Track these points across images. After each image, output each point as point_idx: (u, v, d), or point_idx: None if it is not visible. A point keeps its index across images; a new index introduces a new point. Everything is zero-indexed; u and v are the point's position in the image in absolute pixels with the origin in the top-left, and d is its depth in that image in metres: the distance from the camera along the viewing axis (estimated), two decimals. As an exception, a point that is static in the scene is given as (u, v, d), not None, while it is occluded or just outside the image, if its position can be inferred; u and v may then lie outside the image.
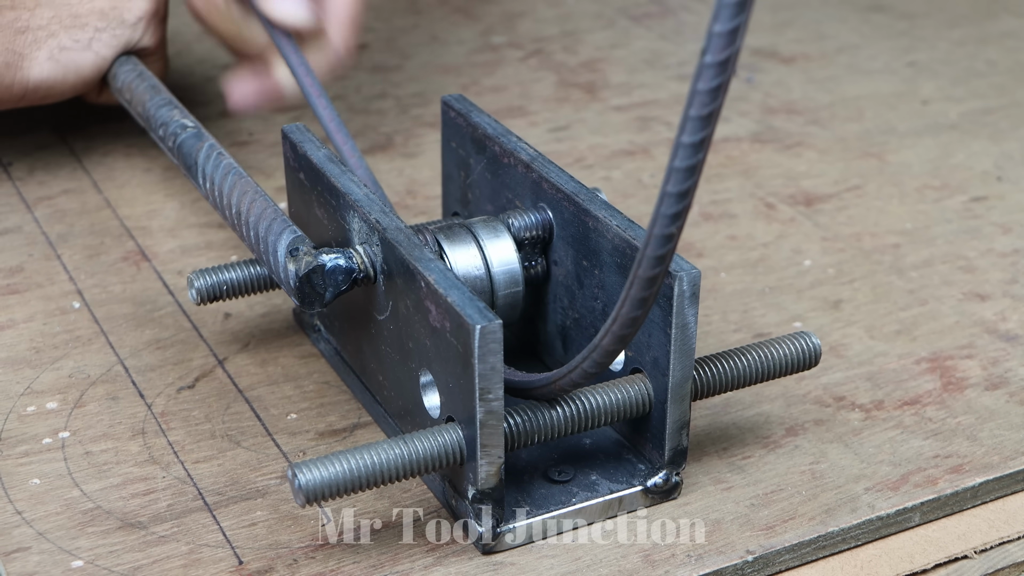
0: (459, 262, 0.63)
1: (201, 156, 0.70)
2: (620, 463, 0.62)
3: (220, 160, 0.69)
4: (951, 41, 1.11)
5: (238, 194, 0.66)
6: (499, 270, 0.64)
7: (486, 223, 0.65)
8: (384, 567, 0.57)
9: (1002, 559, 0.60)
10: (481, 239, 0.64)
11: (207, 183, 0.69)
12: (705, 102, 0.45)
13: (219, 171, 0.68)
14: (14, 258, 0.78)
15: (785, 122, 0.97)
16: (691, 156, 0.47)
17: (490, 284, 0.64)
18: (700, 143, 0.46)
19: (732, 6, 0.44)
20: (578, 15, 1.14)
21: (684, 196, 0.48)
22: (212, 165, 0.69)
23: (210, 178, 0.69)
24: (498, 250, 0.64)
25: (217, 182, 0.68)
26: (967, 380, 0.70)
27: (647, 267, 0.50)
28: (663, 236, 0.49)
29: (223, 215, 0.68)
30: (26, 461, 0.63)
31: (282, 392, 0.68)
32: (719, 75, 0.45)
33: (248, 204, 0.65)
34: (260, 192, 0.65)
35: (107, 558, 0.57)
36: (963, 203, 0.87)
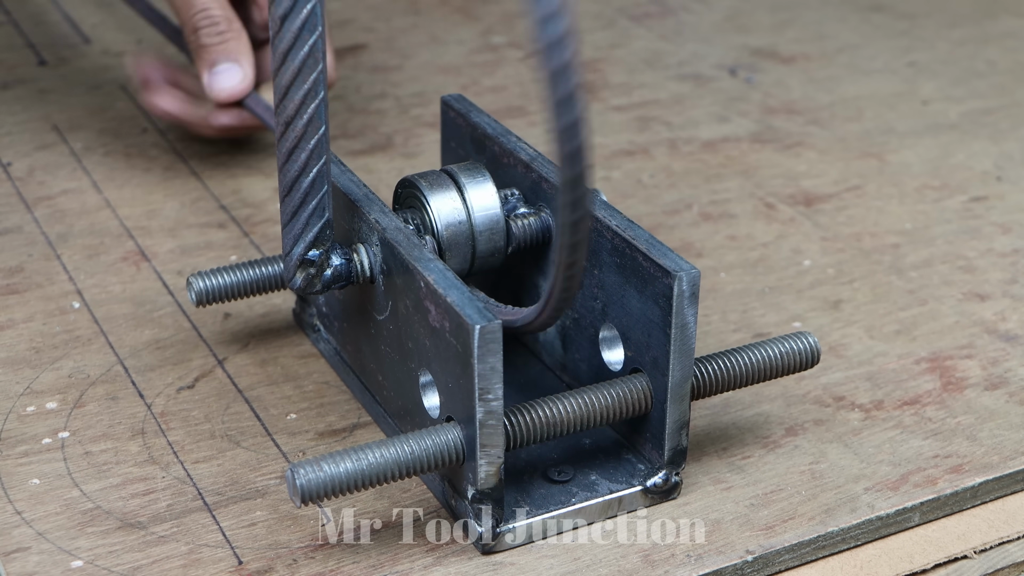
0: (440, 208, 0.63)
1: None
2: (620, 463, 0.62)
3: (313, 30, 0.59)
4: (951, 41, 1.11)
5: (300, 90, 0.59)
6: (480, 215, 0.64)
7: (468, 169, 0.65)
8: (384, 567, 0.57)
9: (1002, 559, 0.60)
10: (463, 184, 0.64)
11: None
12: None
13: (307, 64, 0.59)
14: (14, 258, 0.78)
15: (785, 122, 0.97)
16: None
17: (471, 229, 0.64)
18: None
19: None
20: (578, 15, 1.14)
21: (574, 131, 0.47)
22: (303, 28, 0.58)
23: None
24: (479, 196, 0.64)
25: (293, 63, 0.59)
26: (967, 380, 0.70)
27: (567, 214, 0.49)
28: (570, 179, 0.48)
29: (276, 102, 0.60)
30: (26, 461, 0.63)
31: (282, 392, 0.68)
32: None
33: (306, 119, 0.59)
34: (323, 102, 0.59)
35: (107, 558, 0.57)
36: (963, 203, 0.87)
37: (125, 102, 0.96)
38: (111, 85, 0.99)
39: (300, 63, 0.58)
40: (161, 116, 0.86)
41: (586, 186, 0.48)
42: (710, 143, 0.93)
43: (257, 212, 0.83)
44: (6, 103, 0.96)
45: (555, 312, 0.54)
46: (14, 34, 1.07)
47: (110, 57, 1.03)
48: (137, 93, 0.87)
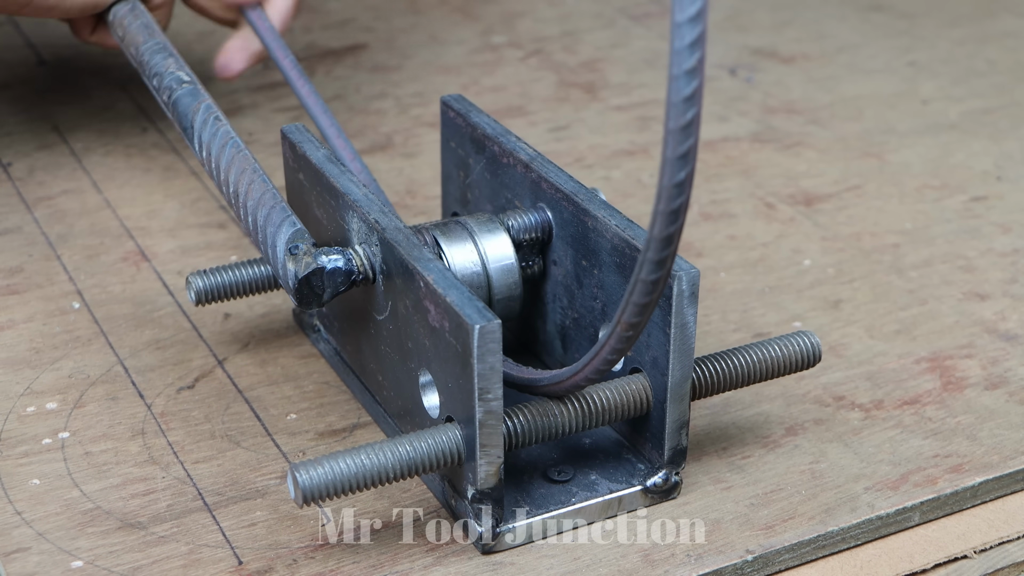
0: (456, 259, 0.63)
1: (198, 120, 0.70)
2: (620, 463, 0.62)
3: (217, 127, 0.68)
4: (951, 41, 1.11)
5: (236, 172, 0.65)
6: (495, 267, 0.64)
7: (482, 220, 0.65)
8: (384, 567, 0.57)
9: (1002, 559, 0.60)
10: (477, 236, 0.64)
11: (203, 151, 0.69)
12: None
13: (216, 140, 0.68)
14: (14, 258, 0.78)
15: (785, 122, 0.97)
16: (681, 143, 0.47)
17: (487, 280, 0.64)
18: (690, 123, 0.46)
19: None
20: (578, 15, 1.14)
21: (681, 189, 0.47)
22: (209, 132, 0.68)
23: (207, 147, 0.68)
24: (494, 246, 0.64)
25: (214, 153, 0.67)
26: (967, 380, 0.70)
27: (648, 271, 0.50)
28: (663, 238, 0.49)
29: (219, 189, 0.67)
30: (26, 461, 0.63)
31: (282, 392, 0.68)
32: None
33: (247, 185, 0.64)
34: (258, 171, 0.65)
35: (107, 558, 0.57)
36: (963, 203, 0.87)
37: (125, 102, 0.96)
38: (111, 85, 0.99)
39: (228, 165, 0.66)
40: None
41: (675, 248, 0.49)
42: (710, 143, 0.93)
43: (257, 212, 0.83)
44: (6, 103, 0.96)
45: (599, 370, 0.55)
46: (14, 34, 1.07)
47: (110, 57, 1.03)
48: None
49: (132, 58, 0.79)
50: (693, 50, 0.45)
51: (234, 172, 0.65)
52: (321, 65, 1.03)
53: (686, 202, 0.48)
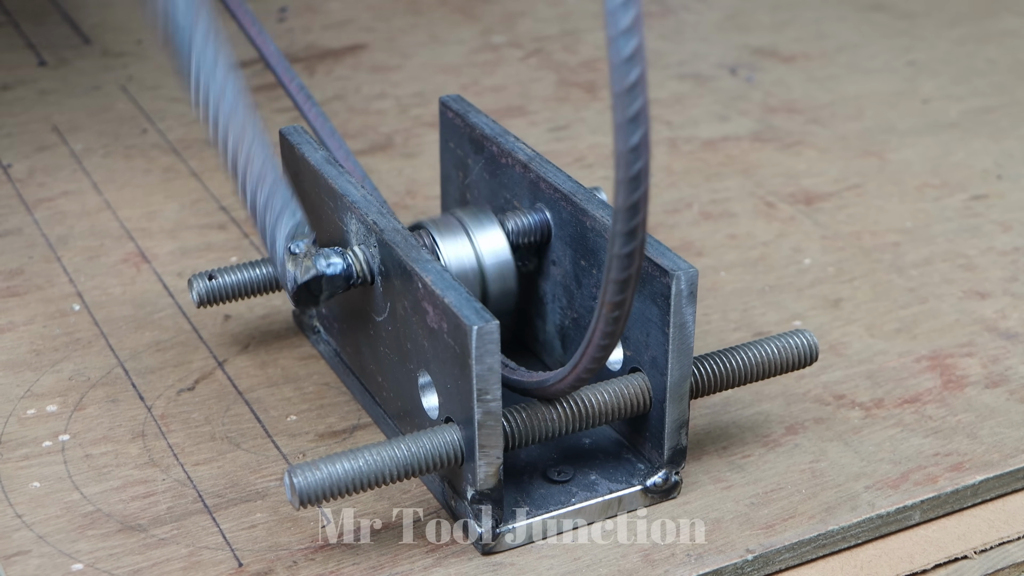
0: (451, 254, 0.63)
1: (196, 61, 0.62)
2: (619, 463, 0.62)
3: (219, 57, 0.62)
4: (951, 40, 1.11)
5: (235, 137, 0.61)
6: (490, 262, 0.64)
7: (476, 214, 0.65)
8: (384, 568, 0.57)
9: (1002, 559, 0.60)
10: (471, 231, 0.64)
11: (201, 101, 0.62)
12: None
13: (214, 90, 0.61)
14: (14, 260, 0.78)
15: (785, 121, 0.97)
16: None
17: (481, 275, 0.64)
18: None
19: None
20: (578, 14, 1.14)
21: (638, 153, 0.47)
22: (209, 65, 0.62)
23: (204, 97, 0.62)
24: (489, 241, 0.64)
25: (212, 108, 0.62)
26: (967, 378, 0.69)
27: (620, 244, 0.49)
28: (629, 207, 0.48)
29: (209, 138, 0.62)
30: (26, 464, 0.63)
31: (282, 394, 0.68)
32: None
33: (246, 152, 0.61)
34: (260, 138, 0.61)
35: (107, 561, 0.57)
36: (963, 201, 0.87)
37: (125, 102, 0.96)
38: (111, 85, 0.99)
39: (225, 123, 0.61)
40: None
41: (644, 215, 0.48)
42: (710, 142, 0.93)
43: (257, 213, 0.83)
44: (6, 104, 0.96)
45: (592, 362, 0.54)
46: (14, 34, 1.07)
47: (110, 57, 1.03)
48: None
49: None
50: (627, 7, 0.44)
51: (233, 132, 0.61)
52: (321, 65, 1.03)
53: (646, 166, 0.47)
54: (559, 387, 0.57)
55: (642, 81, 0.45)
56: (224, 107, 0.62)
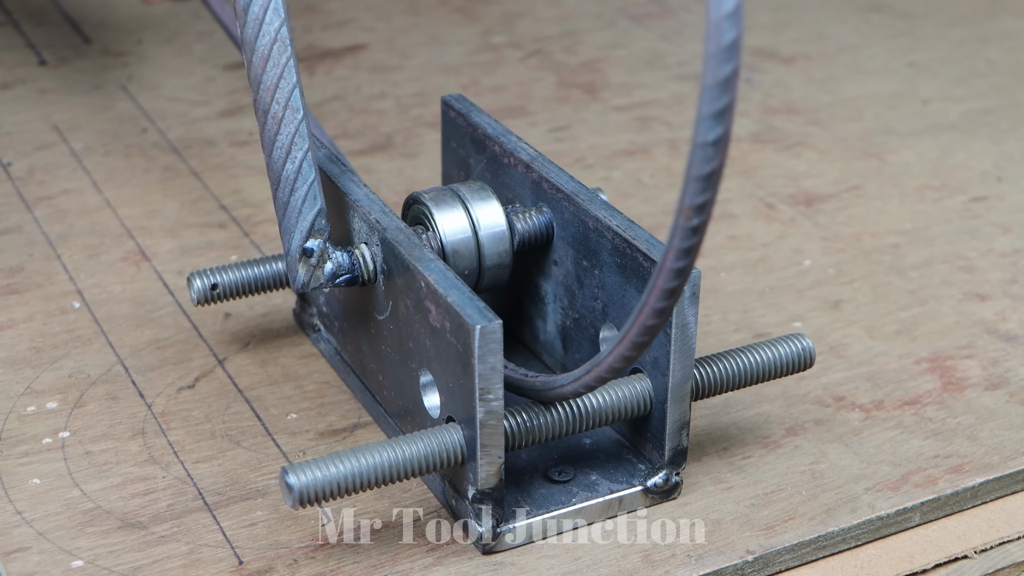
0: (447, 226, 0.63)
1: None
2: (620, 463, 0.62)
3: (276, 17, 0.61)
4: (951, 41, 1.11)
5: (271, 78, 0.60)
6: (486, 233, 0.64)
7: (474, 188, 0.65)
8: (384, 567, 0.57)
9: (1002, 559, 0.60)
10: (469, 203, 0.64)
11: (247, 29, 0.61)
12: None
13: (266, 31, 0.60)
14: (14, 258, 0.78)
15: (785, 122, 0.97)
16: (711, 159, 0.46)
17: (477, 247, 0.64)
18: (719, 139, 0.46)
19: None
20: (578, 15, 1.14)
21: (703, 209, 0.47)
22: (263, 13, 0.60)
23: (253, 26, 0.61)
24: (486, 214, 0.64)
25: (261, 46, 0.60)
26: (967, 380, 0.70)
27: (667, 279, 0.50)
28: (682, 250, 0.48)
29: (249, 78, 0.61)
30: (26, 461, 0.63)
31: (282, 392, 0.68)
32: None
33: (280, 110, 0.60)
34: (297, 89, 0.60)
35: (107, 558, 0.57)
36: (963, 203, 0.87)
37: (125, 102, 0.96)
38: (111, 85, 0.99)
39: (267, 51, 0.59)
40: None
41: (692, 263, 0.48)
42: (710, 143, 0.93)
43: (257, 212, 0.83)
44: (6, 103, 0.96)
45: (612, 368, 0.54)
46: (14, 34, 1.07)
47: (110, 57, 1.03)
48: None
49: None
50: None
51: (269, 78, 0.60)
52: (321, 65, 1.03)
53: (718, 176, 0.47)
54: (562, 392, 0.57)
55: (725, 139, 0.45)
56: (274, 54, 0.61)
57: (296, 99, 0.60)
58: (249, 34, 0.60)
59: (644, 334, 0.51)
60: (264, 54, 0.60)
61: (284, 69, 0.60)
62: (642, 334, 0.51)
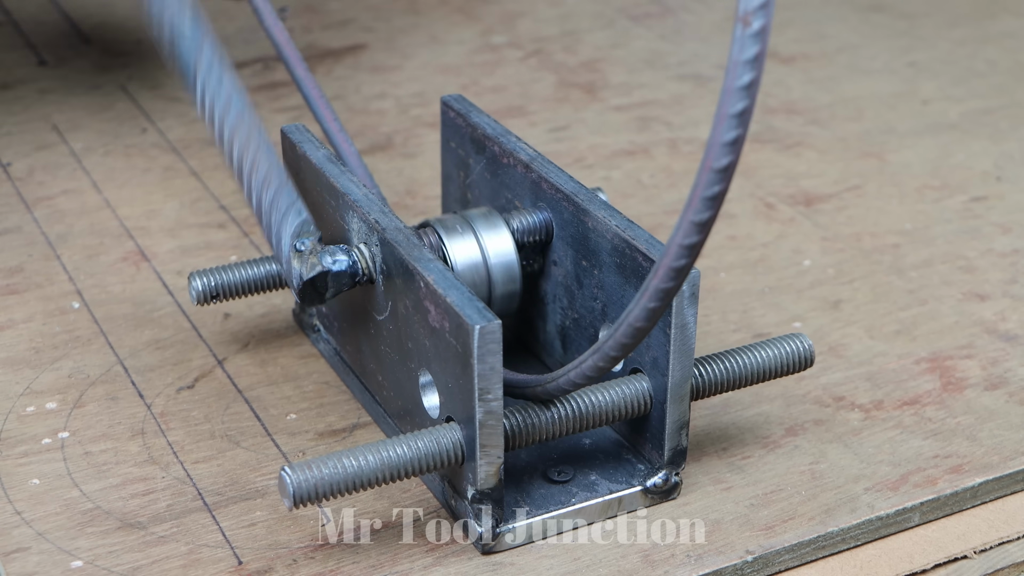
0: (457, 254, 0.63)
1: (202, 70, 0.65)
2: (620, 463, 0.62)
3: (223, 75, 0.64)
4: (951, 41, 1.11)
5: (241, 137, 0.63)
6: (496, 261, 0.64)
7: (483, 214, 0.65)
8: (384, 567, 0.57)
9: (1002, 559, 0.60)
10: (478, 230, 0.64)
11: (207, 108, 0.64)
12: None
13: (220, 98, 0.64)
14: (14, 258, 0.78)
15: (785, 122, 0.97)
16: (726, 155, 0.46)
17: (487, 275, 0.64)
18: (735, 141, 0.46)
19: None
20: (578, 15, 1.14)
21: (712, 201, 0.47)
22: (215, 82, 0.64)
23: (210, 104, 0.64)
24: (495, 241, 0.64)
25: (219, 110, 0.63)
26: (967, 380, 0.70)
27: (663, 279, 0.50)
28: (685, 246, 0.48)
29: (217, 143, 0.63)
30: (25, 461, 0.63)
31: (281, 392, 0.68)
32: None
33: (252, 156, 0.62)
34: (264, 138, 0.63)
35: (106, 558, 0.57)
36: (963, 203, 0.87)
37: (125, 102, 0.96)
38: (111, 85, 0.99)
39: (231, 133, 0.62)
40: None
41: (690, 265, 0.49)
42: (710, 143, 0.93)
43: (257, 212, 0.83)
44: (6, 103, 0.96)
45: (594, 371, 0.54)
46: (14, 34, 1.07)
47: (110, 57, 1.03)
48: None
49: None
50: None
51: (240, 136, 0.63)
52: (321, 65, 1.03)
53: (713, 217, 0.48)
54: (547, 389, 0.57)
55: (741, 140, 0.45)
56: (230, 115, 0.63)
57: (266, 152, 0.62)
58: (215, 122, 0.63)
59: (630, 336, 0.52)
60: (231, 132, 0.63)
61: (252, 143, 0.63)
62: (628, 335, 0.52)
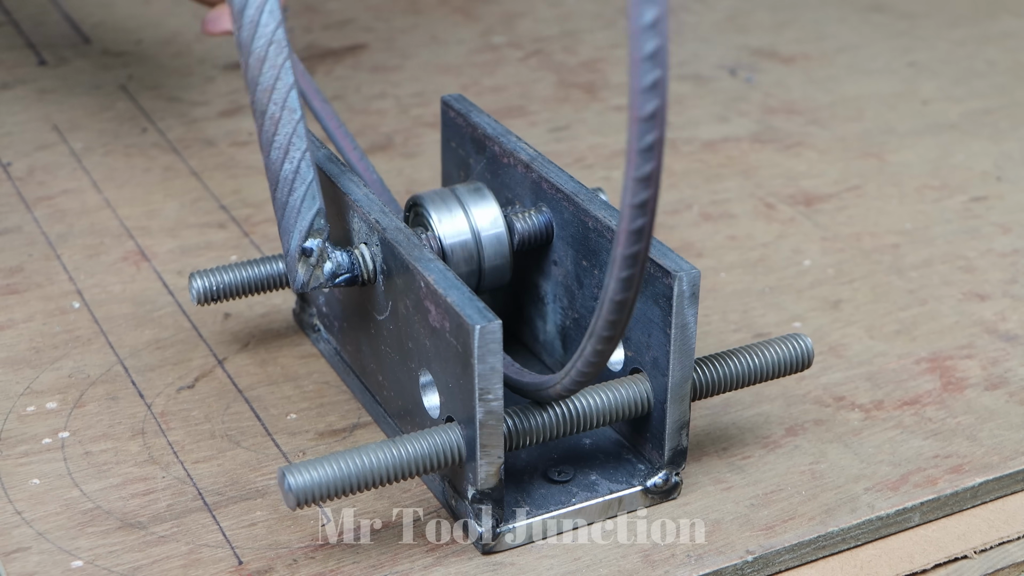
0: (446, 228, 0.63)
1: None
2: (620, 463, 0.62)
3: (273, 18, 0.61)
4: (951, 41, 1.11)
5: (269, 79, 0.60)
6: (486, 235, 0.64)
7: (471, 188, 0.65)
8: (384, 567, 0.57)
9: (1002, 559, 0.60)
10: (466, 204, 0.64)
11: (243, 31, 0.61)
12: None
13: (262, 33, 0.60)
14: (14, 258, 0.78)
15: (785, 122, 0.97)
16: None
17: (477, 248, 0.64)
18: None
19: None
20: (578, 15, 1.14)
21: (649, 153, 0.47)
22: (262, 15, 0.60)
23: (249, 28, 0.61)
24: (484, 215, 0.64)
25: (257, 50, 0.60)
26: (967, 380, 0.70)
27: (625, 244, 0.49)
28: (637, 205, 0.48)
29: (246, 83, 0.61)
30: (26, 461, 0.63)
31: (282, 392, 0.68)
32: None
33: (277, 110, 0.60)
34: (293, 88, 0.61)
35: (107, 558, 0.57)
36: (963, 203, 0.87)
37: (125, 102, 0.96)
38: (111, 85, 0.99)
39: (263, 52, 0.59)
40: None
41: (651, 216, 0.49)
42: (710, 143, 0.93)
43: (257, 212, 0.83)
44: (6, 103, 0.96)
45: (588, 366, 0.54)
46: (14, 34, 1.07)
47: (110, 57, 1.03)
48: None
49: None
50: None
51: (265, 80, 0.60)
52: (321, 65, 1.03)
53: (658, 168, 0.48)
54: (555, 390, 0.57)
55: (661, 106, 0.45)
56: (270, 55, 0.62)
57: (293, 100, 0.60)
58: (245, 36, 0.59)
59: (614, 311, 0.51)
60: (260, 56, 0.60)
61: (280, 70, 0.60)
62: (612, 311, 0.51)
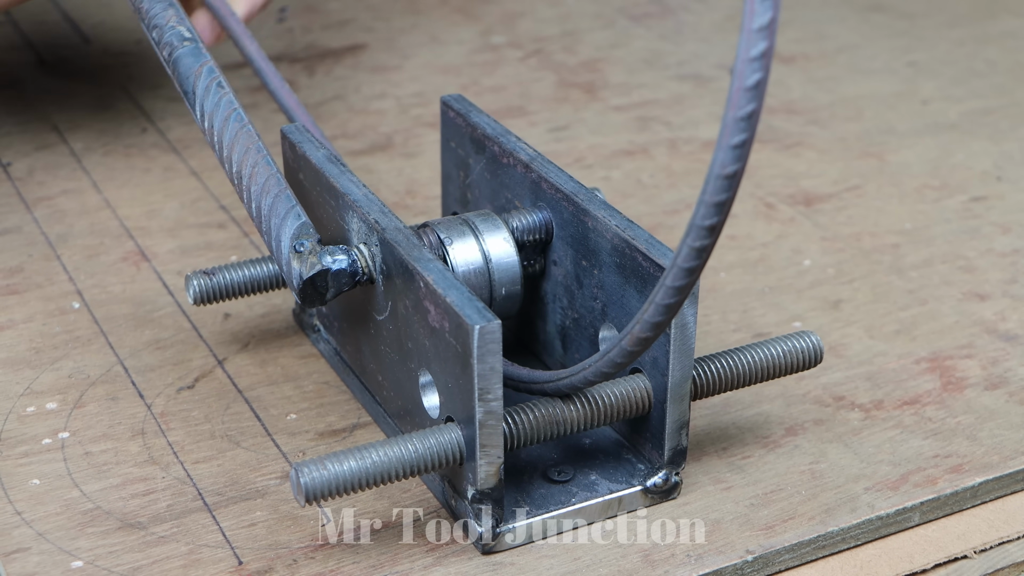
0: (459, 256, 0.63)
1: (200, 87, 0.66)
2: (620, 463, 0.62)
3: (220, 96, 0.66)
4: (951, 41, 1.11)
5: (240, 150, 0.64)
6: (498, 263, 0.64)
7: (484, 216, 0.65)
8: (384, 567, 0.57)
9: (1002, 559, 0.60)
10: (479, 233, 0.64)
11: (205, 122, 0.66)
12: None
13: (219, 112, 0.65)
14: (14, 258, 0.78)
15: (785, 122, 0.97)
16: (735, 162, 0.47)
17: (489, 277, 0.64)
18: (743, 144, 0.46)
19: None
20: (578, 15, 1.14)
21: (721, 207, 0.48)
22: (212, 102, 0.66)
23: (209, 118, 0.66)
24: (496, 244, 0.64)
25: (217, 127, 0.65)
26: (967, 380, 0.70)
27: (676, 276, 0.50)
28: (695, 249, 0.49)
29: (221, 164, 0.65)
30: (26, 461, 0.63)
31: (282, 392, 0.68)
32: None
33: (251, 168, 0.63)
34: (262, 151, 0.64)
35: (107, 558, 0.57)
36: (963, 203, 0.87)
37: (125, 102, 0.96)
38: (111, 85, 0.99)
39: (231, 139, 0.63)
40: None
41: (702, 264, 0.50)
42: (710, 143, 0.93)
43: (257, 212, 0.83)
44: (6, 103, 0.96)
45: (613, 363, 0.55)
46: (14, 34, 1.07)
47: (110, 57, 1.03)
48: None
49: (131, 3, 0.74)
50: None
51: (238, 150, 0.64)
52: (321, 65, 1.03)
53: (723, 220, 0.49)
54: (561, 385, 0.57)
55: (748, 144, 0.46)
56: (229, 127, 0.65)
57: (239, 130, 0.62)
58: (207, 127, 0.64)
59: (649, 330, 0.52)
60: (229, 144, 0.64)
61: (247, 152, 0.64)
62: (647, 330, 0.52)
